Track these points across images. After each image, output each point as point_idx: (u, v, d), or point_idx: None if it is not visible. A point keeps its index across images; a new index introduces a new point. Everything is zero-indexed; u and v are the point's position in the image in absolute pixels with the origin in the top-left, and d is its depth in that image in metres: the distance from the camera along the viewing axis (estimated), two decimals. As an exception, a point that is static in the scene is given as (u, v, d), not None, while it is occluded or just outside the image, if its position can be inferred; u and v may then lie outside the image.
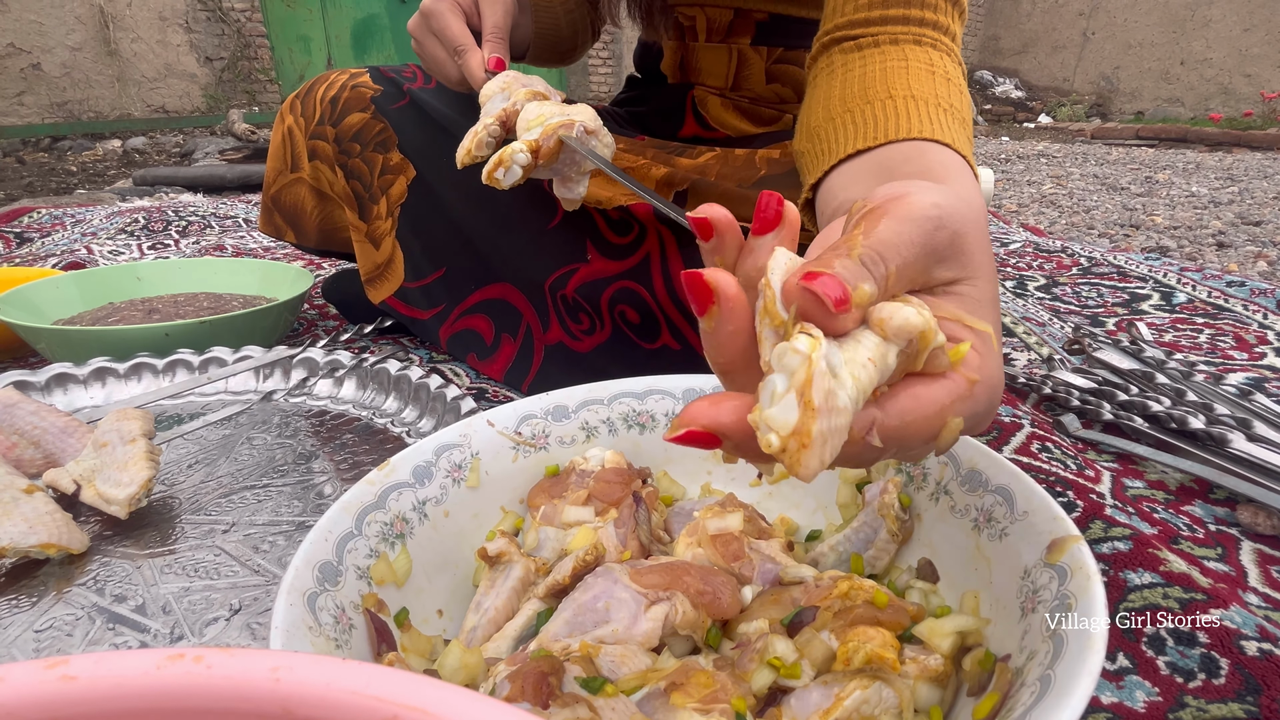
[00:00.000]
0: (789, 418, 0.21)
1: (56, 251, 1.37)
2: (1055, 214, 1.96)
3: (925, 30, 0.50)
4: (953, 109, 0.44)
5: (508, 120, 0.54)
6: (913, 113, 0.42)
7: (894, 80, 0.46)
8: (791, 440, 0.21)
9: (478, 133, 0.54)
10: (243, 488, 0.57)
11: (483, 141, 0.53)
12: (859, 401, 0.22)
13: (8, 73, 3.79)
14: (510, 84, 0.56)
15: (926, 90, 0.45)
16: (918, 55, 0.48)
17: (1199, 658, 0.39)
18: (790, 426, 0.21)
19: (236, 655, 0.14)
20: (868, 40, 0.50)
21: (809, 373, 0.21)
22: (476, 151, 0.54)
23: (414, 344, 0.90)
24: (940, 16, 0.50)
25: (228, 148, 3.08)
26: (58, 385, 0.70)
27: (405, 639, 0.35)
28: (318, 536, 0.34)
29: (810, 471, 0.21)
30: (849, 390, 0.22)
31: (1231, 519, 0.53)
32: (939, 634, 0.31)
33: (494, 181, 0.49)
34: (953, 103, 0.45)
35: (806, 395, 0.21)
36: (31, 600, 0.45)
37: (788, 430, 0.21)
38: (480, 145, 0.54)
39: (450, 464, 0.42)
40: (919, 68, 0.47)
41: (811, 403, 0.21)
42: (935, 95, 0.44)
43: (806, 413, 0.21)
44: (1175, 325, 0.97)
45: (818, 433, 0.21)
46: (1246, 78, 4.89)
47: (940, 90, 0.45)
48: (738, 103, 0.76)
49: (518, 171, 0.49)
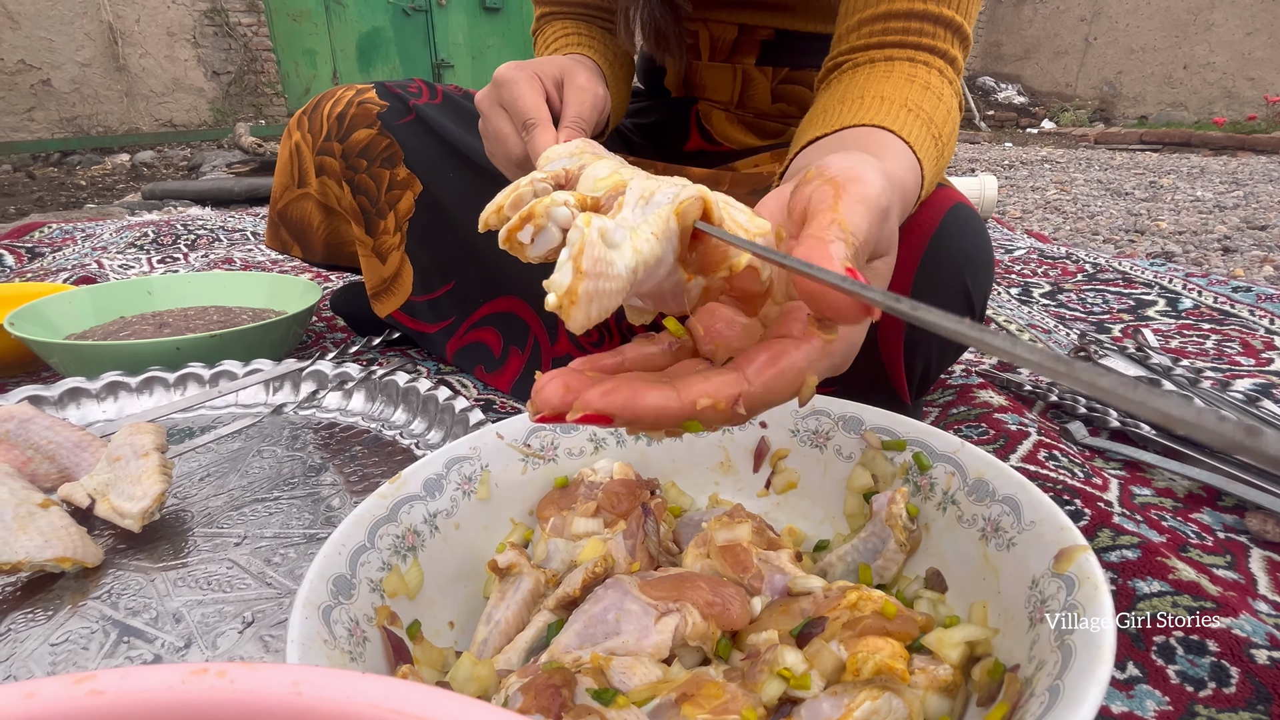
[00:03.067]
0: (564, 280, 0.25)
1: (68, 266, 1.39)
2: (1059, 220, 1.96)
3: (920, 53, 0.52)
4: (918, 109, 0.47)
5: (567, 182, 0.38)
6: (873, 107, 0.46)
7: (870, 86, 0.49)
8: (565, 299, 0.25)
9: (520, 187, 0.37)
10: (253, 500, 0.58)
11: (522, 199, 0.36)
12: (639, 270, 0.27)
13: (18, 89, 3.83)
14: (582, 150, 0.42)
15: (898, 93, 0.48)
16: (904, 69, 0.51)
17: (1209, 666, 0.39)
18: (564, 287, 0.25)
19: (259, 670, 0.15)
20: (864, 59, 0.53)
21: (582, 244, 0.26)
22: (509, 211, 0.36)
23: (422, 356, 0.91)
24: (939, 43, 0.53)
25: (235, 161, 3.11)
26: (71, 400, 0.71)
27: (418, 651, 0.35)
28: (331, 550, 0.34)
29: (578, 324, 0.26)
30: (627, 259, 0.26)
31: (1240, 526, 0.53)
32: (948, 644, 0.31)
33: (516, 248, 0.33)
34: (921, 106, 0.48)
35: (578, 262, 0.25)
36: (48, 614, 0.45)
37: (562, 290, 0.25)
38: (517, 205, 0.36)
39: (460, 476, 0.43)
40: (900, 78, 0.50)
41: (580, 267, 0.25)
42: (905, 98, 0.48)
43: (576, 276, 0.25)
44: (1181, 331, 0.97)
45: (583, 292, 0.25)
46: (1250, 81, 4.88)
47: (913, 95, 0.48)
48: (743, 117, 0.77)
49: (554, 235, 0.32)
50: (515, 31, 5.39)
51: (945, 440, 0.41)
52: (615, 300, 0.26)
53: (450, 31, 5.18)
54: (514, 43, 5.36)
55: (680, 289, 0.35)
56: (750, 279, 0.31)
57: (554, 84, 0.54)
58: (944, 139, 0.49)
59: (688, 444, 0.49)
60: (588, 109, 0.52)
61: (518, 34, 5.38)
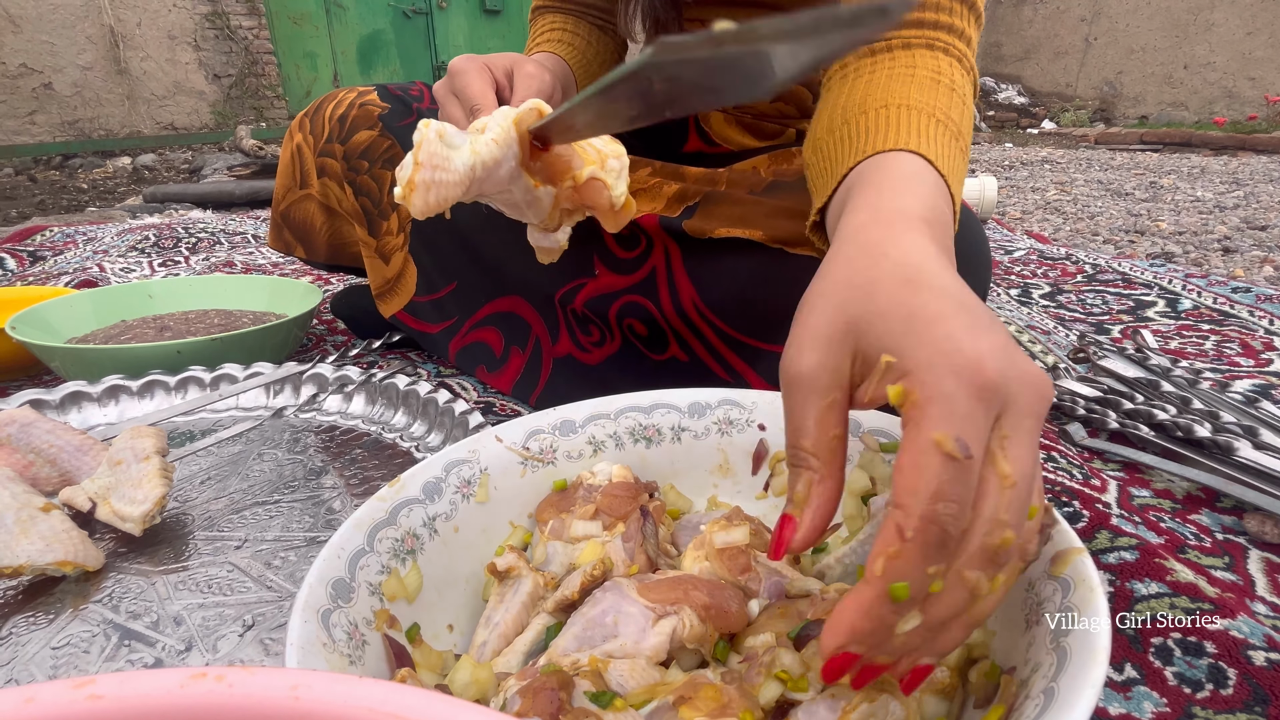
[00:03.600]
0: (406, 173, 0.31)
1: (69, 269, 1.39)
2: (1060, 220, 1.96)
3: (939, 34, 0.50)
4: (947, 120, 0.44)
5: None
6: (901, 123, 0.43)
7: (894, 89, 0.46)
8: (405, 189, 0.31)
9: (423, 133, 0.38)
10: (254, 504, 0.58)
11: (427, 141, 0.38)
12: (477, 168, 0.32)
13: (20, 92, 3.84)
14: None
15: (925, 99, 0.45)
16: (926, 61, 0.48)
17: (1206, 668, 0.39)
18: (405, 179, 0.31)
19: (257, 674, 0.15)
20: (881, 45, 0.50)
21: (421, 140, 0.32)
22: None
23: (422, 358, 0.91)
24: (955, 20, 0.50)
25: (236, 164, 3.11)
26: (72, 403, 0.71)
27: (417, 654, 0.35)
28: (330, 553, 0.34)
29: (417, 209, 0.31)
30: (465, 158, 0.32)
31: (1238, 527, 0.53)
32: (945, 646, 0.32)
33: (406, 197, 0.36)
34: (950, 114, 0.45)
35: (416, 155, 0.31)
36: (49, 617, 0.45)
37: (404, 181, 0.31)
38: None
39: (460, 479, 0.43)
40: (924, 76, 0.47)
41: (418, 159, 0.31)
42: (932, 105, 0.45)
43: (415, 168, 0.31)
44: (1181, 332, 0.97)
45: (420, 181, 0.31)
46: (1250, 81, 4.88)
47: (941, 101, 0.46)
48: (741, 118, 0.77)
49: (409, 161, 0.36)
50: (515, 33, 5.40)
51: (943, 442, 0.41)
52: (453, 192, 0.33)
53: (451, 34, 5.19)
54: (514, 44, 5.37)
55: (531, 196, 0.41)
56: (594, 192, 0.36)
57: (504, 74, 0.57)
58: (967, 149, 0.46)
59: (687, 447, 0.49)
60: (532, 94, 0.56)
61: (518, 36, 5.38)
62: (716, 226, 0.62)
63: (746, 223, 0.61)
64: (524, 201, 0.42)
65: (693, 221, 0.63)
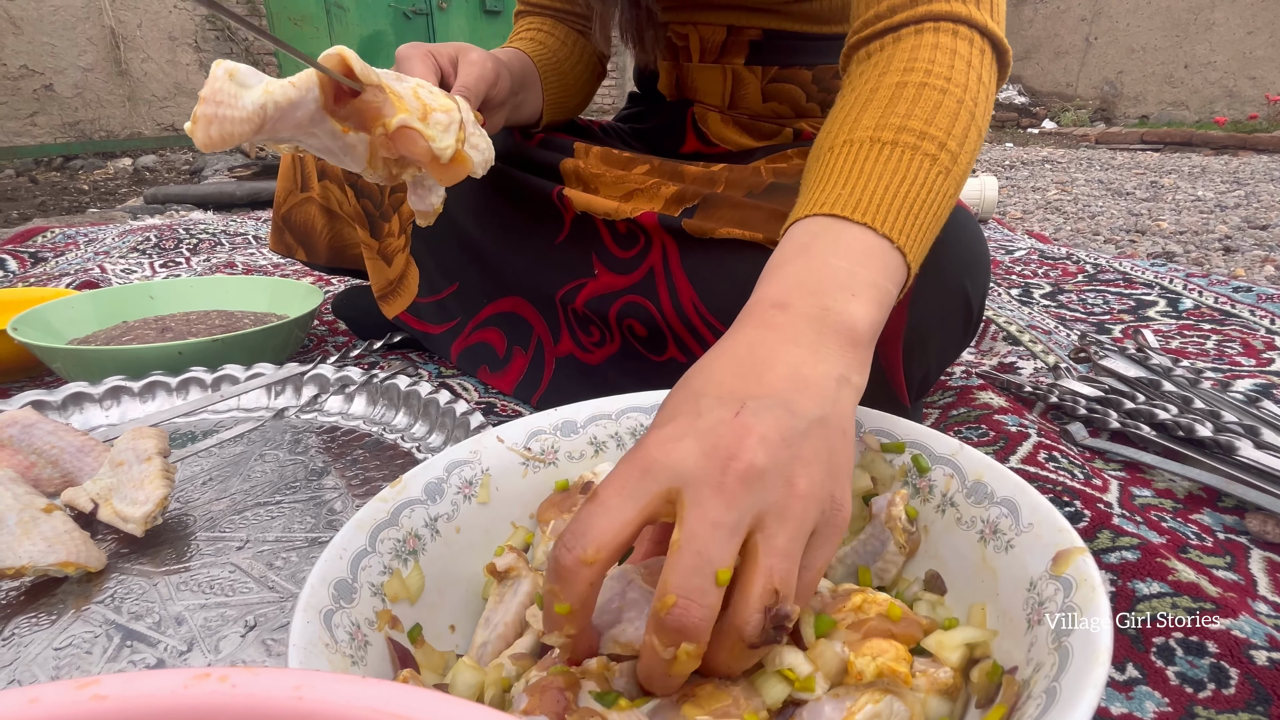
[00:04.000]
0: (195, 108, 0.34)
1: (70, 271, 1.39)
2: (1060, 220, 1.96)
3: (954, 4, 0.48)
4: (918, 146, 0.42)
5: None
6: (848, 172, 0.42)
7: (876, 109, 0.44)
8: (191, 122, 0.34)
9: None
10: (255, 504, 0.58)
11: None
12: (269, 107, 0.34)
13: (21, 94, 3.84)
14: None
15: (912, 122, 0.43)
16: (946, 43, 0.47)
17: (1208, 668, 0.39)
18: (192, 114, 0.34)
19: (260, 675, 0.15)
20: (889, 37, 0.49)
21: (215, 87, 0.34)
22: None
23: (423, 359, 0.91)
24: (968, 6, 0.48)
25: (236, 165, 3.12)
26: (74, 404, 0.72)
27: (419, 655, 0.35)
28: (332, 554, 0.34)
29: (199, 141, 0.33)
30: (256, 97, 0.34)
31: (1240, 527, 0.53)
32: (948, 646, 0.32)
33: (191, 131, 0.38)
34: (932, 133, 0.43)
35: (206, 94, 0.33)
36: (51, 618, 0.45)
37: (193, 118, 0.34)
38: None
39: (461, 480, 0.43)
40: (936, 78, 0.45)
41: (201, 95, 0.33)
42: (903, 126, 0.43)
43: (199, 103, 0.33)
44: (1182, 332, 0.97)
45: (201, 114, 0.33)
46: (1251, 80, 4.88)
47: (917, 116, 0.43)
48: (737, 118, 0.77)
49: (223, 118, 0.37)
50: (516, 34, 5.40)
51: (944, 442, 0.41)
52: (241, 128, 0.34)
53: (451, 34, 5.19)
54: (515, 45, 5.37)
55: (342, 143, 0.42)
56: (408, 140, 0.38)
57: (449, 62, 0.59)
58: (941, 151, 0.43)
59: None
60: (474, 79, 0.58)
61: (518, 37, 5.38)
62: (717, 227, 0.62)
63: (746, 225, 0.61)
64: (337, 148, 0.43)
65: (693, 221, 0.63)
